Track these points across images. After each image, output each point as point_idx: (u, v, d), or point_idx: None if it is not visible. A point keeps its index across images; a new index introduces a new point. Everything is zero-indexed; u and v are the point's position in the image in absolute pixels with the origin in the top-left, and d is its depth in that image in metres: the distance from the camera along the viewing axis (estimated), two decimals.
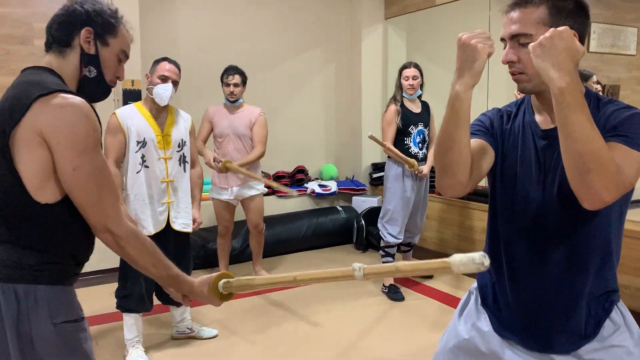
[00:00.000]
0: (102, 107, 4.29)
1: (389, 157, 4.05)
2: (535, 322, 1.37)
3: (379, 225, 4.09)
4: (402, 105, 3.95)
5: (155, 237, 2.94)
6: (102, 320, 3.50)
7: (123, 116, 2.94)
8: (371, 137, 3.69)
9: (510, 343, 1.43)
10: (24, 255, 1.29)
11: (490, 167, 1.39)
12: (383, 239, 4.02)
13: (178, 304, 3.20)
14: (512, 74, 1.30)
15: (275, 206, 5.21)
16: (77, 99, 1.29)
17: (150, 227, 2.96)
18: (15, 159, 1.26)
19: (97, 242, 1.42)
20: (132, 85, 4.41)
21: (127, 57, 1.51)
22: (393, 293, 3.94)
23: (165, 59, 3.05)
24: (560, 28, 1.12)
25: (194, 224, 3.16)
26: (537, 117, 1.36)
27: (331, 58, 5.81)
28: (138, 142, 2.93)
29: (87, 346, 1.39)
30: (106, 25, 1.43)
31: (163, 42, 4.81)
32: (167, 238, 3.01)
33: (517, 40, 1.26)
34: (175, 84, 3.02)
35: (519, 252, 1.37)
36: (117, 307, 3.00)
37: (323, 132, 5.86)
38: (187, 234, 3.14)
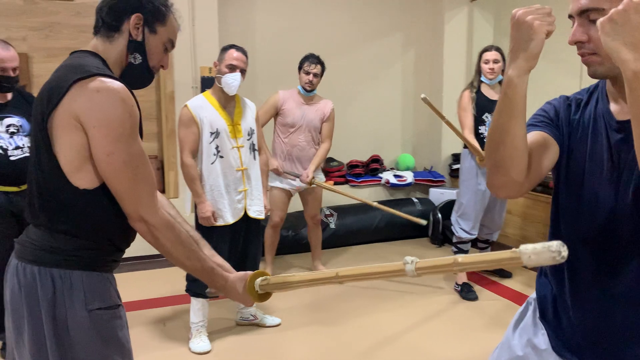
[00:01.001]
0: (181, 95, 4.44)
1: (465, 146, 3.81)
2: (600, 346, 1.18)
3: (452, 219, 3.88)
4: (479, 92, 3.70)
5: (231, 225, 2.97)
6: (173, 302, 3.61)
7: (195, 108, 2.94)
8: (424, 100, 3.10)
9: None
10: (60, 240, 1.29)
11: (553, 163, 1.20)
12: (455, 234, 3.82)
13: None
14: (582, 55, 1.11)
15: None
16: (115, 83, 1.27)
17: (228, 217, 2.97)
18: (53, 143, 1.26)
19: None
20: (210, 72, 4.48)
21: (173, 46, 1.48)
22: (466, 292, 3.72)
23: (232, 46, 3.02)
24: None
25: (265, 210, 3.17)
26: (612, 107, 1.16)
27: (411, 43, 5.59)
28: (211, 133, 2.93)
29: (123, 334, 1.38)
30: (156, 13, 1.40)
31: (241, 30, 4.85)
32: (240, 226, 3.03)
33: (586, 16, 1.08)
34: (243, 72, 2.99)
35: (583, 264, 1.18)
36: (186, 290, 3.06)
37: (400, 120, 5.67)
38: (259, 220, 3.14)
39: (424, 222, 4.11)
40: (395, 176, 5.29)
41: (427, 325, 3.31)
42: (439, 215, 4.97)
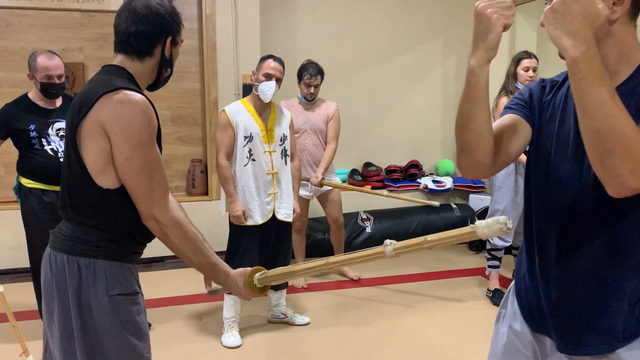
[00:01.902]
0: (224, 101, 4.64)
1: None
2: (566, 320, 1.23)
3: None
4: None
5: (260, 226, 3.12)
6: (211, 299, 3.77)
7: (232, 113, 3.12)
8: None
9: (543, 344, 1.30)
10: (87, 233, 1.45)
11: (525, 145, 1.27)
12: (489, 241, 3.80)
13: (276, 289, 3.35)
14: None
15: (384, 200, 5.16)
16: (137, 96, 1.42)
17: (257, 217, 3.12)
18: (81, 148, 1.42)
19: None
20: (250, 80, 4.66)
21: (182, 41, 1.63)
22: (497, 298, 3.70)
23: (270, 56, 3.18)
24: None
25: (293, 213, 3.28)
26: None
27: (452, 49, 5.59)
28: (245, 137, 3.09)
29: (140, 318, 1.52)
30: (179, 29, 1.55)
31: (282, 39, 5.01)
32: (270, 227, 3.17)
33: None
34: (279, 81, 3.13)
35: (550, 241, 1.23)
36: None
37: (440, 126, 5.67)
38: (288, 223, 3.27)
39: (436, 203, 4.10)
40: (434, 181, 5.29)
41: (456, 330, 3.33)
42: (477, 221, 4.93)
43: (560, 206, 1.21)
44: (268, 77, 3.09)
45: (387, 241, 1.22)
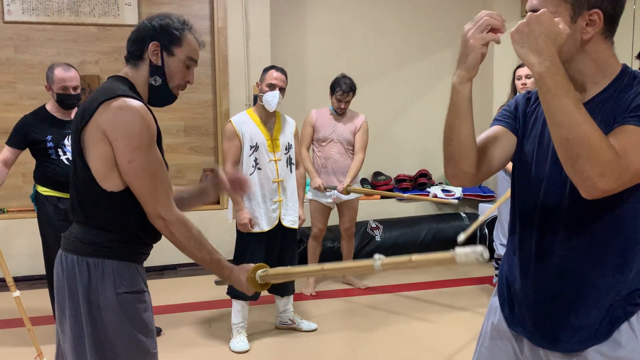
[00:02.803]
0: (235, 112, 4.74)
1: None
2: (540, 317, 1.27)
3: (494, 235, 3.89)
4: None
5: (266, 233, 3.19)
6: (220, 305, 3.84)
7: (238, 123, 3.21)
8: None
9: (519, 339, 1.35)
10: (95, 234, 1.53)
11: (509, 155, 1.34)
12: (496, 251, 3.82)
13: (283, 295, 3.41)
14: None
15: (393, 209, 5.21)
16: (135, 102, 1.49)
17: (264, 224, 3.19)
18: (86, 154, 1.51)
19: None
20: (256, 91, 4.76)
21: (195, 62, 1.67)
22: None
23: (273, 67, 3.27)
24: (539, 12, 1.09)
25: (299, 220, 3.35)
26: None
27: None
28: (251, 147, 3.18)
29: (147, 316, 1.59)
30: (171, 37, 1.60)
31: (293, 50, 5.11)
32: (276, 234, 3.23)
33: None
34: (282, 90, 3.22)
35: (529, 238, 1.29)
36: (227, 293, 3.29)
37: None
38: (294, 230, 3.33)
39: (455, 201, 4.24)
40: (444, 191, 5.32)
41: (463, 337, 3.33)
42: (486, 230, 4.95)
43: (541, 205, 1.26)
44: (272, 87, 3.18)
45: (376, 256, 1.30)
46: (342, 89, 3.93)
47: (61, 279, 1.56)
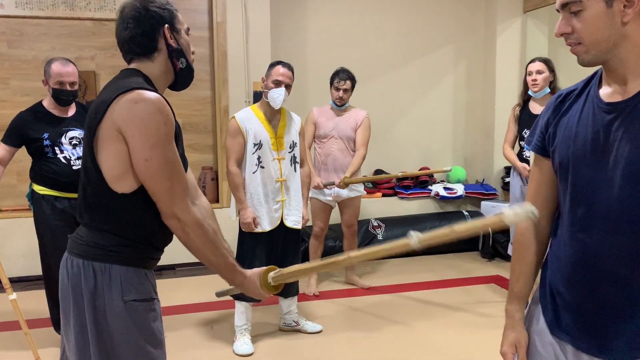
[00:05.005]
0: (235, 109, 4.65)
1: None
2: (587, 323, 1.21)
3: (511, 232, 3.85)
4: (525, 107, 3.71)
5: (268, 233, 3.10)
6: (222, 306, 3.76)
7: (242, 119, 3.11)
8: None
9: (562, 344, 1.27)
10: (102, 237, 1.44)
11: (555, 178, 1.30)
12: (511, 246, 3.78)
13: (286, 296, 3.32)
14: (569, 45, 1.18)
15: (396, 207, 5.14)
16: (152, 95, 1.39)
17: (265, 224, 3.11)
18: (97, 154, 1.41)
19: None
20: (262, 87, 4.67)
21: (189, 29, 1.58)
22: None
23: (279, 62, 3.17)
24: None
25: (302, 220, 3.27)
26: (604, 90, 1.20)
27: (463, 56, 5.58)
28: (255, 145, 3.08)
29: (156, 325, 1.50)
30: (171, 15, 1.51)
31: (293, 46, 5.01)
32: (278, 234, 3.15)
33: (568, 9, 1.14)
34: (288, 87, 3.12)
35: (574, 243, 1.22)
36: (231, 294, 3.20)
37: (451, 133, 5.64)
38: (297, 230, 3.25)
39: (448, 168, 4.26)
40: (446, 189, 5.26)
41: (469, 337, 3.28)
42: (505, 209, 4.90)
43: (587, 208, 1.19)
44: (277, 83, 3.08)
45: (412, 232, 1.24)
46: (340, 77, 3.89)
47: (66, 284, 1.47)
